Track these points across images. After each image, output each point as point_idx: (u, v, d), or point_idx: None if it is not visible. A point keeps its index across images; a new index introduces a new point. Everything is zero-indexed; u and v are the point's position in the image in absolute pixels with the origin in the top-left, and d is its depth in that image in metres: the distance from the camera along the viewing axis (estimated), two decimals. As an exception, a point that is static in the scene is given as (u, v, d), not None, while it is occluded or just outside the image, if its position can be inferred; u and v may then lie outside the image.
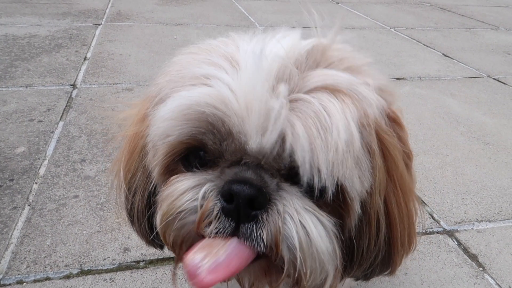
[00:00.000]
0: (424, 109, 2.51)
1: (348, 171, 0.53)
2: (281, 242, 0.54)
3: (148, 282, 1.22)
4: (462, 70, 3.23)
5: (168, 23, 3.78)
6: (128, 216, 0.80)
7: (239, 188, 0.54)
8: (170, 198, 0.59)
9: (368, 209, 0.61)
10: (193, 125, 0.56)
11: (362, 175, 0.57)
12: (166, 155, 0.62)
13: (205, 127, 0.56)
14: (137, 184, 0.73)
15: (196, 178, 0.58)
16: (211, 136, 0.56)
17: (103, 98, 2.30)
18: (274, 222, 0.54)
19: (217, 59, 0.58)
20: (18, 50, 2.87)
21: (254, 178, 0.55)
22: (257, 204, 0.54)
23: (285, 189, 0.56)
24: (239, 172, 0.56)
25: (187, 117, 0.56)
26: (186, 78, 0.59)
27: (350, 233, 0.63)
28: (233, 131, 0.54)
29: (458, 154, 2.05)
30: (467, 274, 1.35)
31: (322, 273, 0.57)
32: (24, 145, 1.82)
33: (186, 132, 0.57)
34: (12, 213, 1.43)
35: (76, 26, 3.50)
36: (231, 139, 0.55)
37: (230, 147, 0.56)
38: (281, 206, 0.55)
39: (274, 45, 0.60)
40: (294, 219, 0.54)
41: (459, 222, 1.59)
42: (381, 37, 3.91)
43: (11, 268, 1.23)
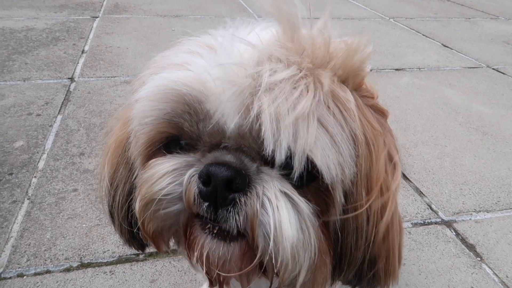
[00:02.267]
0: (423, 99, 2.51)
1: (320, 151, 0.52)
2: (257, 226, 0.52)
3: (147, 275, 1.23)
4: (461, 60, 3.22)
5: (166, 15, 3.76)
6: (109, 213, 0.78)
7: (216, 170, 0.53)
8: (149, 182, 0.57)
9: (354, 201, 0.58)
10: (170, 106, 0.56)
11: (343, 161, 0.54)
12: (146, 144, 0.61)
13: (182, 107, 0.55)
14: (119, 178, 0.72)
15: (176, 161, 0.57)
16: (187, 117, 0.56)
17: (101, 91, 2.30)
18: (252, 205, 0.53)
19: (195, 48, 0.59)
20: (16, 44, 2.86)
21: (234, 160, 0.55)
22: (235, 186, 0.53)
23: (265, 172, 0.55)
24: (219, 156, 0.56)
25: (163, 97, 0.56)
26: (166, 66, 0.59)
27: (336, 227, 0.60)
28: (211, 111, 0.54)
29: (456, 144, 2.05)
30: (465, 264, 1.36)
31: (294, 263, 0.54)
32: (22, 139, 1.82)
33: (163, 113, 0.57)
34: (11, 207, 1.44)
35: (74, 18, 3.48)
36: (208, 119, 0.54)
37: (207, 128, 0.55)
38: (261, 189, 0.53)
39: (253, 33, 0.60)
40: (272, 203, 0.53)
41: (457, 213, 1.59)
42: (380, 28, 3.89)
43: (12, 262, 1.23)
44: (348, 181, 0.57)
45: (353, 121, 0.56)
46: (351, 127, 0.56)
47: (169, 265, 1.26)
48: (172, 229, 0.62)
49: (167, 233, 0.63)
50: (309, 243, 0.55)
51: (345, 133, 0.55)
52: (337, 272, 0.64)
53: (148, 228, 0.61)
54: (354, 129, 0.56)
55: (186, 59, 0.57)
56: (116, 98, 2.23)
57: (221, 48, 0.56)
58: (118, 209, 0.73)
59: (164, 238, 0.63)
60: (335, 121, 0.54)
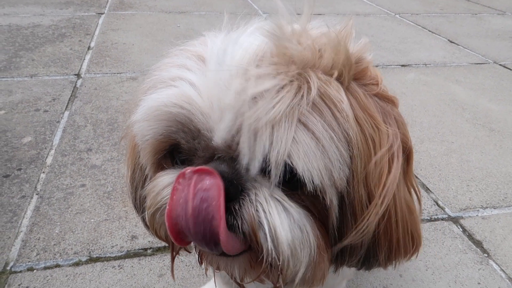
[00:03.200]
0: (429, 96, 2.50)
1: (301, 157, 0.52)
2: (258, 229, 0.54)
3: (155, 269, 1.24)
4: (467, 56, 3.20)
5: (171, 11, 3.76)
6: (134, 208, 0.84)
7: None
8: (152, 193, 0.62)
9: (352, 199, 0.59)
10: (165, 125, 0.58)
11: (331, 165, 0.55)
12: (151, 153, 0.65)
13: (175, 126, 0.57)
14: (137, 179, 0.76)
15: (175, 174, 0.60)
16: (182, 134, 0.58)
17: (108, 88, 2.31)
18: (247, 210, 0.55)
19: (184, 60, 0.60)
20: (22, 40, 2.87)
21: (226, 170, 0.56)
22: (228, 195, 0.55)
23: (257, 180, 0.57)
24: (214, 166, 0.57)
25: (157, 118, 0.58)
26: (157, 82, 0.61)
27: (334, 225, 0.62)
28: (200, 128, 0.56)
29: (463, 141, 2.05)
30: (472, 260, 1.36)
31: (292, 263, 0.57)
32: (30, 135, 1.84)
33: (160, 132, 0.59)
34: (21, 202, 1.45)
35: (79, 15, 3.49)
36: (200, 136, 0.56)
37: (201, 144, 0.57)
38: (253, 195, 0.55)
39: (242, 40, 0.60)
40: (264, 208, 0.55)
41: (464, 209, 1.59)
42: (385, 24, 3.87)
43: (22, 256, 1.25)
44: (341, 182, 0.57)
45: (346, 121, 0.56)
46: (343, 128, 0.56)
47: (177, 260, 1.27)
48: None
49: None
50: (306, 242, 0.57)
51: (336, 135, 0.55)
52: (339, 261, 0.66)
53: (160, 234, 0.66)
54: (346, 130, 0.56)
55: (176, 74, 0.59)
56: (122, 94, 2.24)
57: (209, 61, 0.57)
58: (140, 207, 0.77)
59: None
60: (323, 124, 0.54)
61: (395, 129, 0.63)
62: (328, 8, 4.25)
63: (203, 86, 0.55)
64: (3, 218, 1.38)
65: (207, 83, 0.55)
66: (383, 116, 0.61)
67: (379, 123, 0.59)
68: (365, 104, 0.59)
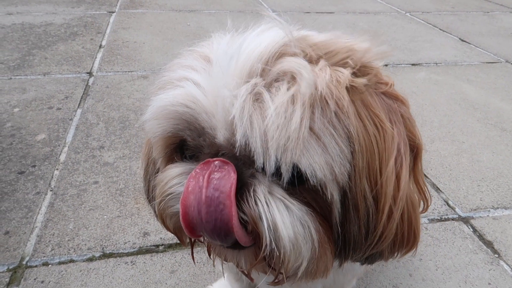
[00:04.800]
0: (440, 95, 2.48)
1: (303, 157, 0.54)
2: (258, 221, 0.56)
3: (167, 266, 1.26)
4: (479, 55, 3.17)
5: (181, 9, 3.78)
6: (148, 202, 0.86)
7: None
8: (161, 184, 0.64)
9: (353, 194, 0.60)
10: (172, 123, 0.61)
11: (331, 161, 0.56)
12: (161, 148, 0.68)
13: (182, 124, 0.61)
14: (150, 173, 0.80)
15: (183, 167, 0.63)
16: (188, 132, 0.61)
17: (119, 86, 2.33)
18: (248, 204, 0.57)
19: (191, 61, 0.63)
20: (35, 39, 2.91)
21: None
22: None
23: (257, 177, 0.59)
24: None
25: (165, 116, 0.62)
26: (166, 83, 0.64)
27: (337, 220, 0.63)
28: (204, 127, 0.58)
29: (474, 140, 2.03)
30: (482, 260, 1.36)
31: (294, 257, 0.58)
32: (44, 132, 1.87)
33: (168, 129, 0.63)
34: (35, 198, 1.48)
35: (91, 14, 3.52)
36: (204, 133, 0.59)
37: (206, 141, 0.60)
38: (251, 190, 0.57)
39: (249, 41, 0.61)
40: (262, 201, 0.56)
41: (475, 209, 1.59)
42: (396, 22, 3.85)
43: (37, 251, 1.28)
44: (343, 177, 0.58)
45: (347, 117, 0.57)
46: (344, 124, 0.57)
47: (188, 257, 1.29)
48: None
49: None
50: (308, 237, 0.58)
51: (337, 131, 0.56)
52: (343, 256, 0.67)
53: (168, 224, 0.67)
54: (347, 126, 0.57)
55: (183, 75, 0.61)
56: (133, 93, 2.26)
57: (215, 62, 0.60)
58: (152, 198, 0.79)
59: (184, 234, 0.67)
60: (323, 121, 0.55)
61: (401, 127, 0.64)
62: (338, 7, 4.23)
63: (208, 86, 0.57)
64: (18, 213, 1.41)
65: (212, 83, 0.57)
66: (388, 114, 0.62)
67: (382, 120, 0.60)
68: (368, 101, 0.60)
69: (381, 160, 0.60)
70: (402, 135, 0.63)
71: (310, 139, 0.54)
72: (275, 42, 0.59)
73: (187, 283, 1.21)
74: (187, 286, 1.20)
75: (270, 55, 0.58)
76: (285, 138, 0.53)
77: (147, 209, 1.47)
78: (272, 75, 0.56)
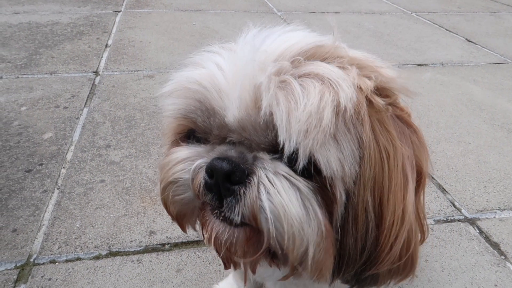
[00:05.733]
0: (446, 96, 2.47)
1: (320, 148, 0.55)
2: (258, 213, 0.56)
3: (173, 264, 1.26)
4: (486, 55, 3.15)
5: (186, 9, 3.79)
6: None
7: (217, 164, 0.58)
8: (166, 167, 0.64)
9: (355, 203, 0.60)
10: (184, 102, 0.62)
11: (343, 159, 0.57)
12: (171, 133, 0.69)
13: (194, 104, 0.61)
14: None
15: (189, 150, 0.63)
16: (199, 112, 0.61)
17: (125, 85, 2.34)
18: (250, 195, 0.57)
19: (217, 49, 0.65)
20: (42, 38, 2.93)
21: (234, 155, 0.59)
22: (234, 179, 0.57)
23: (261, 157, 0.59)
24: (224, 151, 0.60)
25: (179, 94, 0.63)
26: (189, 63, 0.66)
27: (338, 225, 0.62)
28: (215, 107, 0.59)
29: (480, 141, 2.02)
30: (489, 262, 1.35)
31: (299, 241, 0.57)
32: (51, 131, 1.88)
33: (178, 108, 0.63)
34: (42, 196, 1.49)
35: (97, 13, 3.54)
36: (216, 114, 0.60)
37: (216, 122, 0.60)
38: (256, 177, 0.57)
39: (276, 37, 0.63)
40: (266, 188, 0.56)
41: (481, 210, 1.58)
42: (402, 22, 3.84)
43: (44, 249, 1.29)
44: (350, 179, 0.59)
45: (361, 124, 0.58)
46: (357, 129, 0.58)
47: (194, 256, 1.30)
48: (195, 212, 0.67)
49: (191, 216, 0.68)
50: (314, 219, 0.57)
51: (350, 133, 0.57)
52: (336, 271, 0.65)
53: (171, 211, 0.67)
54: (360, 132, 0.58)
55: (205, 57, 0.64)
56: (139, 92, 2.27)
57: (240, 49, 0.62)
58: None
59: (188, 220, 0.68)
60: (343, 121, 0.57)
61: (410, 151, 0.64)
62: (343, 7, 4.22)
63: (229, 69, 0.59)
64: (26, 211, 1.42)
65: (234, 67, 0.58)
66: (399, 135, 0.63)
67: (394, 138, 0.61)
68: (383, 118, 0.61)
69: (389, 175, 0.60)
70: (410, 159, 0.63)
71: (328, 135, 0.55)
72: (306, 43, 0.61)
73: (193, 282, 1.21)
74: (193, 285, 1.21)
75: (299, 53, 0.59)
76: (310, 126, 0.53)
77: (153, 208, 1.47)
78: (302, 71, 0.57)
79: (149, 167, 1.68)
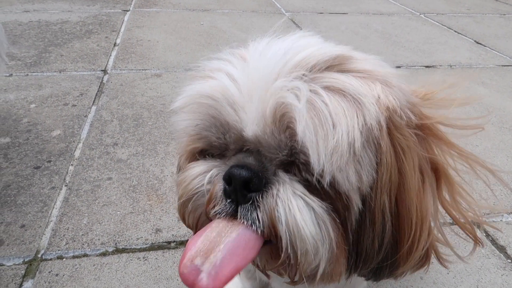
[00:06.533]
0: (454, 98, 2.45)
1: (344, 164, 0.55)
2: (277, 222, 0.56)
3: (179, 262, 1.27)
4: (495, 58, 3.13)
5: (194, 9, 3.80)
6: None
7: (236, 172, 0.58)
8: (184, 183, 0.65)
9: (372, 206, 0.61)
10: (198, 118, 0.62)
11: (360, 169, 0.57)
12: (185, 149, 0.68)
13: (208, 120, 0.61)
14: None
15: (205, 165, 0.64)
16: (214, 129, 0.61)
17: (133, 84, 2.36)
18: (268, 203, 0.57)
19: (228, 56, 0.64)
20: (51, 36, 2.96)
21: (253, 163, 0.59)
22: (253, 186, 0.58)
23: (280, 175, 0.59)
24: (241, 158, 0.60)
25: (192, 110, 0.62)
26: (199, 74, 0.65)
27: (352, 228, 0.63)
28: (229, 121, 0.58)
29: (488, 144, 2.01)
30: (495, 265, 1.34)
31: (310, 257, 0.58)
32: (59, 128, 1.90)
33: (193, 124, 0.63)
34: (50, 193, 1.51)
35: (106, 12, 3.57)
36: (230, 129, 0.59)
37: (232, 138, 0.60)
38: (275, 190, 0.58)
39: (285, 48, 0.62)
40: (284, 203, 0.57)
41: (488, 214, 1.57)
42: (410, 24, 3.82)
43: (52, 244, 1.30)
44: (367, 186, 0.59)
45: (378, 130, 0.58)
46: (375, 135, 0.58)
47: (200, 254, 1.30)
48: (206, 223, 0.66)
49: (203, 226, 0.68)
50: (326, 238, 0.58)
51: (368, 142, 0.58)
52: (353, 268, 0.67)
53: (189, 222, 0.68)
54: (377, 138, 0.58)
55: (217, 66, 0.62)
56: (147, 91, 2.29)
57: (252, 58, 0.61)
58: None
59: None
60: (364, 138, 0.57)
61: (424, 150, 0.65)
62: (351, 7, 4.21)
63: (242, 78, 0.58)
64: (34, 207, 1.44)
65: (248, 77, 0.58)
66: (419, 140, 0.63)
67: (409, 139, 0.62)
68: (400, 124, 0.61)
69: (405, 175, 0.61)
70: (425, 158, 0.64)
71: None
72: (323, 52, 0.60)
73: (198, 280, 1.22)
74: (198, 283, 1.21)
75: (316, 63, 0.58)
76: (338, 149, 0.54)
77: (159, 206, 1.48)
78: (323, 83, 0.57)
79: (156, 166, 1.69)
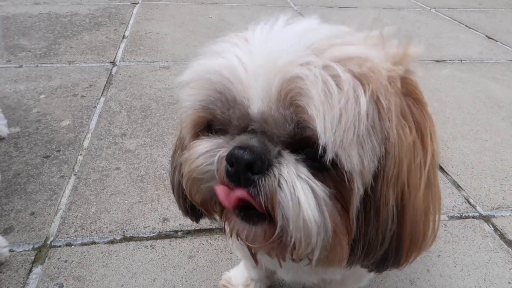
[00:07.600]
0: (464, 92, 2.43)
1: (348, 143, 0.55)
2: (277, 204, 0.56)
3: (186, 251, 1.28)
4: (506, 53, 3.08)
5: (203, 2, 3.80)
6: (171, 187, 0.86)
7: (239, 153, 0.58)
8: (188, 161, 0.65)
9: (377, 197, 0.60)
10: (204, 93, 0.62)
11: (363, 154, 0.57)
12: (190, 125, 0.68)
13: (214, 95, 0.61)
14: (177, 159, 0.80)
15: (209, 143, 0.63)
16: (219, 104, 0.61)
17: (141, 76, 2.37)
18: (269, 186, 0.57)
19: (234, 39, 0.64)
20: (61, 28, 2.98)
21: (256, 144, 0.59)
22: (255, 168, 0.57)
23: (284, 156, 0.59)
24: (244, 139, 0.60)
25: (198, 85, 0.62)
26: (206, 52, 0.65)
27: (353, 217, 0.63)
28: (237, 97, 0.58)
29: (498, 139, 1.99)
30: (503, 259, 1.33)
31: (309, 241, 0.58)
32: (68, 118, 1.92)
33: (198, 99, 0.63)
34: (60, 182, 1.53)
35: (115, 5, 3.58)
36: (236, 105, 0.59)
37: (236, 114, 0.60)
38: (277, 172, 0.57)
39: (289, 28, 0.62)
40: (288, 184, 0.56)
41: (496, 208, 1.56)
42: (420, 18, 3.78)
43: (61, 232, 1.32)
44: (368, 174, 0.58)
45: (389, 121, 0.57)
46: (384, 125, 0.57)
47: (206, 243, 1.31)
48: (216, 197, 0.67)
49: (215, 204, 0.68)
50: (323, 223, 0.58)
51: (375, 129, 0.57)
52: (356, 258, 0.66)
53: (196, 199, 0.68)
54: (387, 128, 0.57)
55: (223, 47, 0.63)
56: (155, 83, 2.30)
57: (257, 40, 0.61)
58: (176, 186, 0.80)
59: (212, 206, 0.68)
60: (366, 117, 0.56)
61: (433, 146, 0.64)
62: (361, 1, 4.18)
63: (247, 58, 0.58)
64: (43, 195, 1.45)
65: (252, 56, 0.58)
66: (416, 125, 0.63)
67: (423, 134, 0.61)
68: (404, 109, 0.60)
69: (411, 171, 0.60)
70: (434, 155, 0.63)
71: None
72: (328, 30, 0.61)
73: (205, 269, 1.23)
74: (204, 271, 1.22)
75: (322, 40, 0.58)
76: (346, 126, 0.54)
77: (166, 196, 1.49)
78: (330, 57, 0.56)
79: (164, 156, 1.70)
